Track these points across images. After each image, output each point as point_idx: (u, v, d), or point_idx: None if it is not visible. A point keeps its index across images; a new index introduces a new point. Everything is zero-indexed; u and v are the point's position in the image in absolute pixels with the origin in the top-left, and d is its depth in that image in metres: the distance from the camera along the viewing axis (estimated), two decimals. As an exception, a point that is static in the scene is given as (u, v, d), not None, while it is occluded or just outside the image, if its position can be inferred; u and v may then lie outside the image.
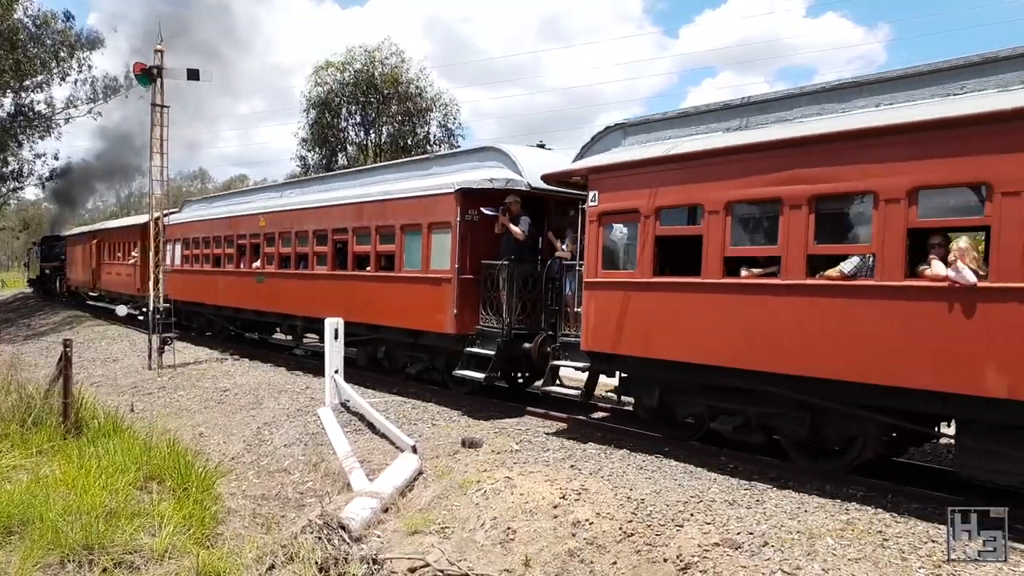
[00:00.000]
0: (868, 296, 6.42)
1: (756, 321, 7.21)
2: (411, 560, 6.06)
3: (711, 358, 7.56)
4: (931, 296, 6.06)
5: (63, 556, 5.80)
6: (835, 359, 6.59)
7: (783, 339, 6.99)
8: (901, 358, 6.18)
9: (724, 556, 5.41)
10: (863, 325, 6.44)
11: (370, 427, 9.79)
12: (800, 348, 6.85)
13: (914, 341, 6.11)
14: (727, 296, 7.46)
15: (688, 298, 7.82)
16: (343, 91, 34.23)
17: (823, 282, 6.74)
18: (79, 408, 9.78)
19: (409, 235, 11.67)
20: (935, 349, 6.00)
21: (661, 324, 8.06)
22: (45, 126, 31.65)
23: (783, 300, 7.01)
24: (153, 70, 16.07)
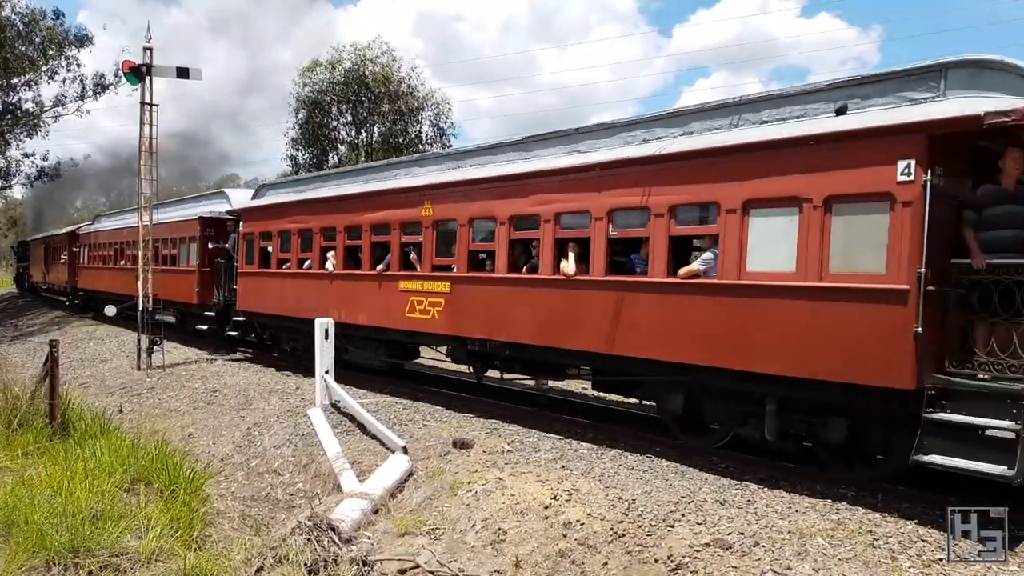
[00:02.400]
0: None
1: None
2: (401, 561, 6.03)
3: (279, 310, 14.68)
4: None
5: (48, 559, 5.73)
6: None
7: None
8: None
9: (715, 556, 5.40)
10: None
11: (361, 428, 9.75)
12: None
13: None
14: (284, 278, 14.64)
15: (274, 278, 14.93)
16: (333, 90, 34.10)
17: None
18: (66, 409, 9.70)
19: (183, 245, 19.56)
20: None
21: (273, 295, 14.90)
22: (33, 125, 31.39)
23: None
24: (142, 68, 15.97)
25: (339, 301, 12.75)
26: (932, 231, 6.12)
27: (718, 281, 7.50)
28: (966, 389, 5.98)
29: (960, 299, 6.18)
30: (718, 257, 7.55)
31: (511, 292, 9.71)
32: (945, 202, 6.27)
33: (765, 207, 7.20)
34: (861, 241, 6.55)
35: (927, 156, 6.13)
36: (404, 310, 11.36)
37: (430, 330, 11.05)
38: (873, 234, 6.43)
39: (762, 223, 7.24)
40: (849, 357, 6.47)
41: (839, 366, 6.53)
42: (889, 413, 6.55)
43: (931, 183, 6.09)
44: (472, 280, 10.34)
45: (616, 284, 8.45)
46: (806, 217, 6.81)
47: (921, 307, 6.05)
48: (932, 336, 6.10)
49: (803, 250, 6.83)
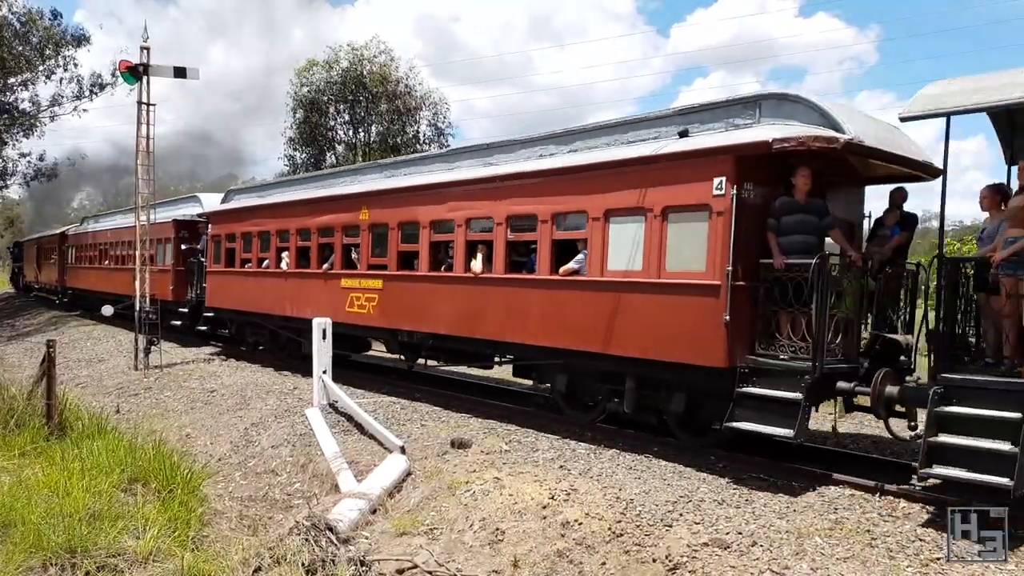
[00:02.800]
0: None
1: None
2: (399, 561, 6.02)
3: (242, 306, 15.95)
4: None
5: (45, 559, 5.72)
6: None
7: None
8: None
9: (713, 556, 5.40)
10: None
11: (359, 428, 9.74)
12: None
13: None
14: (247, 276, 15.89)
15: (237, 277, 16.26)
16: (330, 90, 34.04)
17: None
18: (63, 409, 9.68)
19: (159, 246, 20.25)
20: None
21: (236, 292, 16.20)
22: (29, 124, 31.30)
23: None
24: (139, 68, 15.93)
25: (292, 298, 14.12)
26: (741, 236, 7.26)
27: (587, 278, 8.75)
28: (769, 367, 7.20)
29: (767, 293, 7.31)
30: (587, 257, 8.77)
31: (432, 289, 11.00)
32: (754, 212, 7.41)
33: (621, 216, 8.45)
34: (688, 244, 7.76)
35: (736, 173, 7.29)
36: (345, 305, 12.52)
37: (367, 323, 12.21)
38: (696, 239, 7.65)
39: (619, 229, 8.50)
40: (681, 341, 7.69)
41: (675, 349, 7.77)
42: (714, 388, 7.64)
43: (739, 196, 7.26)
44: (400, 278, 11.61)
45: (512, 281, 9.75)
46: (650, 224, 8.10)
47: (729, 299, 7.22)
48: (741, 324, 7.32)
49: (648, 252, 8.11)
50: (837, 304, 7.29)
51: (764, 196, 7.50)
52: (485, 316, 10.02)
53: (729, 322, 7.19)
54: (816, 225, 7.42)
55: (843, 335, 7.44)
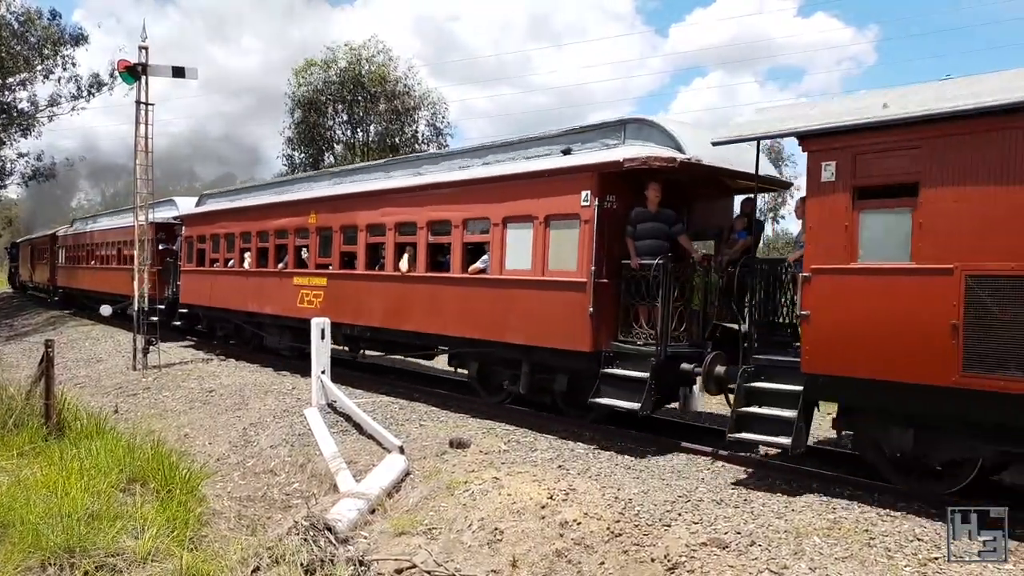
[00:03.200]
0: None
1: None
2: (398, 561, 6.02)
3: (212, 302, 17.01)
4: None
5: (44, 559, 5.71)
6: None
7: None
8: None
9: (711, 556, 5.41)
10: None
11: (357, 428, 9.73)
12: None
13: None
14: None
15: (207, 275, 17.41)
16: (329, 89, 34.02)
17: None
18: (61, 409, 9.67)
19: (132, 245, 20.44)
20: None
21: (206, 289, 17.36)
22: (27, 124, 31.26)
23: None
24: (138, 67, 15.92)
25: (253, 294, 15.44)
26: (604, 241, 8.56)
27: (489, 276, 9.99)
28: (627, 352, 8.53)
29: (626, 289, 8.64)
30: (490, 258, 10.03)
31: (367, 286, 12.25)
32: (615, 220, 8.68)
33: (515, 222, 9.69)
34: (564, 248, 8.99)
35: (598, 187, 8.54)
36: (297, 301, 13.77)
37: (315, 317, 12.90)
38: (570, 243, 8.89)
39: (514, 234, 9.72)
40: (559, 330, 8.92)
41: (555, 337, 8.99)
42: (587, 370, 8.80)
43: (601, 207, 8.53)
44: (342, 276, 12.88)
45: (432, 279, 10.99)
46: (536, 230, 9.32)
47: (593, 295, 8.49)
48: (604, 315, 8.61)
49: (534, 254, 9.34)
50: (688, 298, 8.73)
51: (623, 206, 8.75)
52: (411, 310, 11.29)
53: (593, 313, 8.50)
54: (666, 232, 8.63)
55: (690, 324, 8.72)
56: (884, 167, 6.45)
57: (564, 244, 9.00)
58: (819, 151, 6.82)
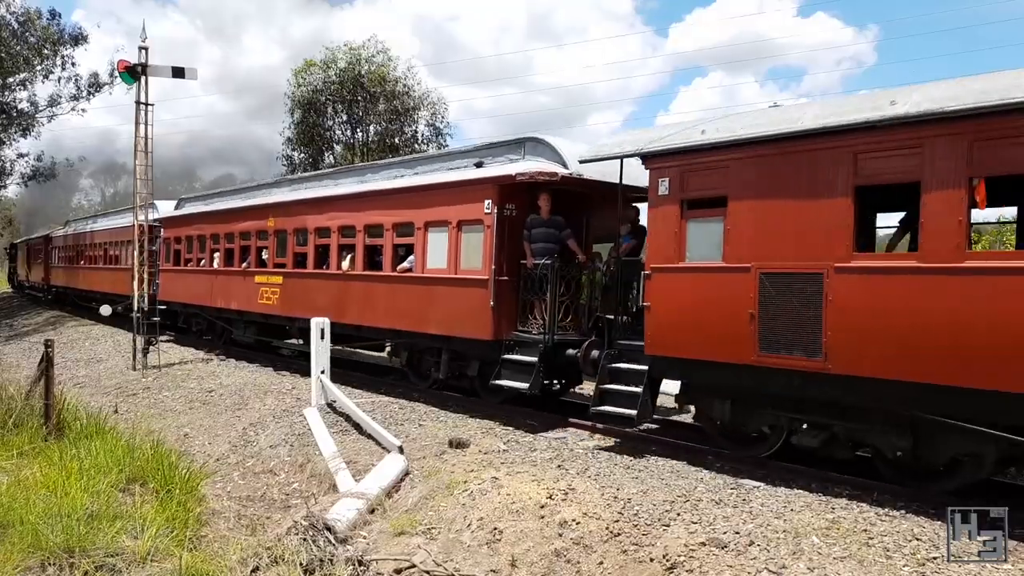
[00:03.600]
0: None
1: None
2: (397, 561, 6.03)
3: (186, 299, 18.27)
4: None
5: (43, 559, 5.70)
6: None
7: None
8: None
9: (710, 555, 5.41)
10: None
11: (357, 427, 9.74)
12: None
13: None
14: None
15: (182, 274, 18.81)
16: (328, 89, 33.97)
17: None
18: (61, 409, 9.64)
19: (123, 247, 22.85)
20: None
21: (182, 287, 18.79)
22: (27, 124, 31.23)
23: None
24: (137, 68, 15.92)
25: (220, 292, 16.81)
26: (504, 243, 9.84)
27: (414, 274, 11.26)
28: (523, 340, 9.76)
29: (524, 285, 9.85)
30: (413, 257, 11.32)
31: (316, 284, 13.56)
32: (514, 225, 9.93)
33: (435, 226, 10.95)
34: (472, 249, 10.23)
35: (498, 197, 9.84)
36: (258, 298, 15.10)
37: (273, 312, 14.80)
38: (477, 245, 10.12)
39: (434, 236, 10.98)
40: (469, 321, 10.12)
41: (466, 327, 10.19)
42: (494, 357, 9.92)
43: (500, 214, 9.83)
44: (294, 275, 14.22)
45: (368, 277, 12.29)
46: (451, 233, 10.57)
47: (494, 290, 9.77)
48: (503, 308, 9.87)
49: (449, 254, 10.56)
50: (575, 293, 9.92)
51: (522, 213, 9.97)
52: (352, 306, 12.49)
53: (494, 307, 9.78)
54: (556, 236, 9.81)
55: (577, 316, 9.96)
56: (703, 183, 7.68)
57: (472, 246, 10.29)
58: (656, 169, 8.04)
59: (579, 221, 10.36)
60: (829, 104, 7.38)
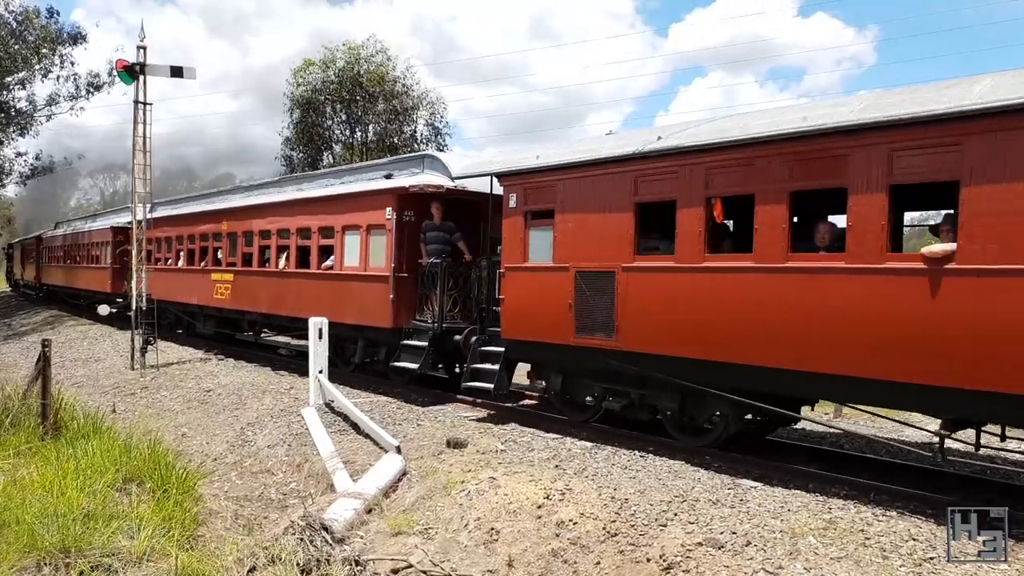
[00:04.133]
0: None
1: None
2: (394, 561, 6.02)
3: (156, 295, 17.18)
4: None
5: (39, 559, 5.69)
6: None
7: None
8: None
9: (707, 556, 5.40)
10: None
11: (354, 427, 9.73)
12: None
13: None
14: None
15: (152, 272, 18.00)
16: (327, 89, 33.94)
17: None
18: (58, 409, 9.62)
19: (102, 248, 25.04)
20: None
21: (152, 284, 17.47)
22: (25, 123, 31.16)
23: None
24: (136, 67, 15.90)
25: (183, 288, 18.80)
26: (403, 245, 11.54)
27: (334, 272, 12.97)
28: (418, 327, 11.37)
29: (421, 280, 11.46)
30: (334, 257, 13.01)
31: (260, 280, 15.19)
32: (412, 229, 11.60)
33: (350, 230, 12.60)
34: (378, 250, 11.92)
35: (397, 205, 11.54)
36: (213, 293, 16.77)
37: (226, 306, 16.50)
38: (381, 246, 11.82)
39: (350, 239, 12.59)
40: (375, 312, 11.76)
41: (373, 317, 11.83)
42: (395, 343, 11.59)
43: (399, 220, 11.53)
44: (242, 272, 15.82)
45: (299, 274, 13.96)
46: (362, 236, 12.27)
47: (393, 285, 11.43)
48: (402, 300, 11.51)
49: (361, 254, 12.26)
50: (462, 287, 11.29)
51: (419, 219, 11.60)
52: (286, 299, 14.27)
53: (394, 299, 11.42)
54: (447, 239, 11.37)
55: (465, 308, 11.25)
56: (539, 198, 9.28)
57: (377, 247, 11.92)
58: (507, 185, 9.67)
59: (476, 226, 11.62)
60: (623, 136, 9.71)
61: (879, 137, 6.31)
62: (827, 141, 6.64)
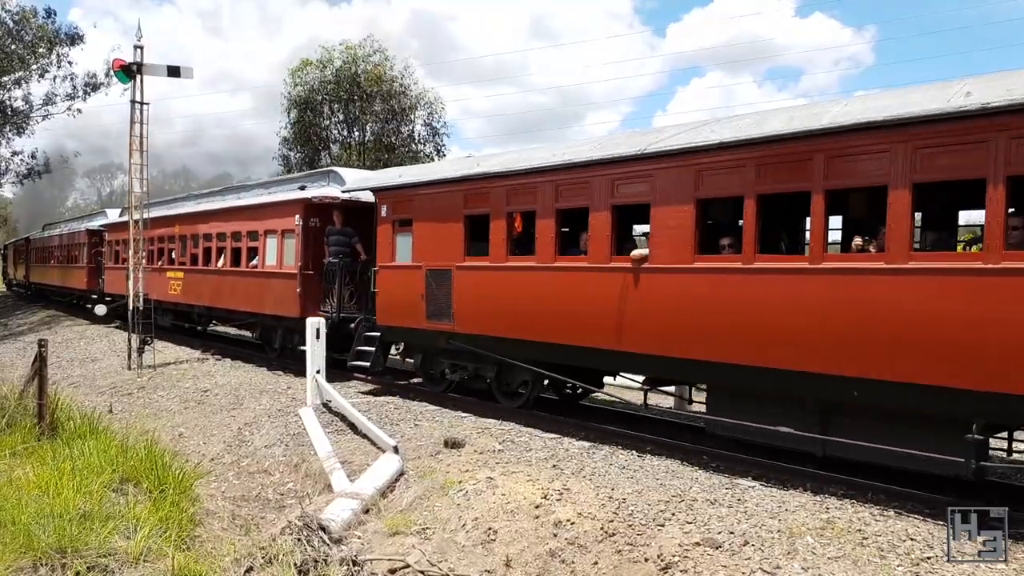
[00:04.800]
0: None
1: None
2: (391, 561, 6.01)
3: (123, 291, 18.33)
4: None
5: (36, 560, 5.67)
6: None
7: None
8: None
9: (705, 555, 5.40)
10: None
11: (352, 427, 9.72)
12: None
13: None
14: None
15: (118, 271, 21.07)
16: (325, 89, 33.88)
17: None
18: (54, 409, 9.61)
19: (78, 249, 27.79)
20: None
21: (120, 282, 19.36)
22: (22, 123, 31.05)
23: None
24: (133, 66, 15.87)
25: (145, 285, 19.91)
26: (310, 247, 13.58)
27: (259, 270, 15.06)
28: (322, 317, 12.35)
29: (325, 277, 13.30)
30: (258, 257, 15.14)
31: (203, 277, 17.25)
32: (318, 234, 13.59)
33: (270, 234, 14.74)
34: (290, 251, 14.03)
35: (304, 213, 13.63)
36: (168, 289, 18.80)
37: (179, 300, 18.61)
38: (293, 248, 13.91)
39: (269, 241, 14.76)
40: (287, 304, 13.90)
41: (287, 309, 13.92)
42: (294, 327, 13.99)
43: (306, 226, 13.58)
44: (191, 271, 17.95)
45: (232, 272, 15.98)
46: (279, 239, 14.34)
47: (300, 281, 13.54)
48: (309, 294, 13.48)
49: (278, 255, 14.37)
50: (359, 283, 12.95)
51: (323, 225, 13.56)
52: (223, 294, 16.25)
53: (301, 293, 13.48)
54: (347, 242, 13.19)
55: (361, 300, 12.84)
56: (402, 210, 11.30)
57: (290, 248, 14.02)
58: (380, 199, 11.75)
59: (372, 231, 12.80)
60: (459, 161, 12.67)
61: (607, 170, 8.41)
62: (580, 171, 8.74)
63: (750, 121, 7.49)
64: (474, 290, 10.02)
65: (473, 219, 10.11)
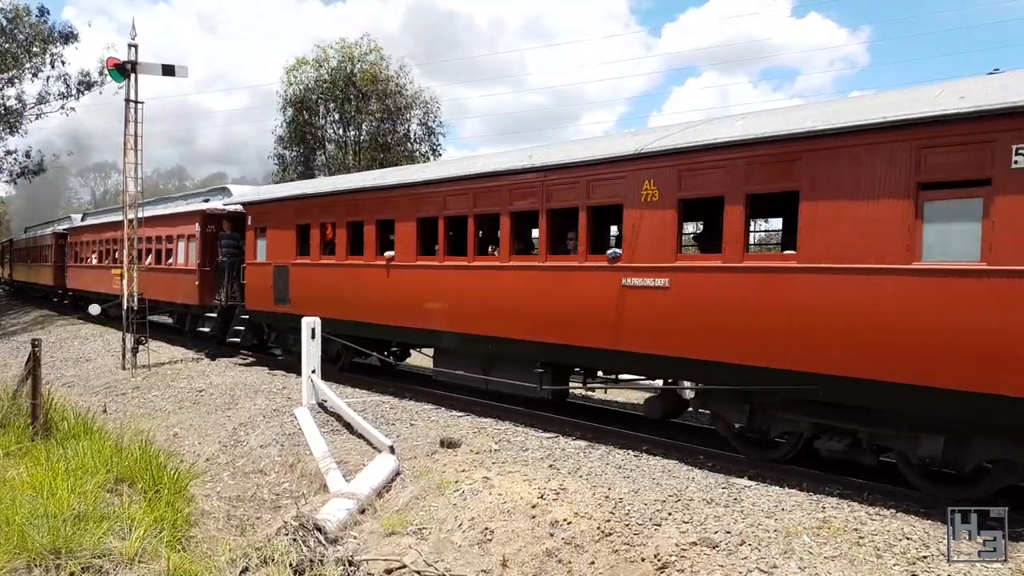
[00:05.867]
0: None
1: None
2: (387, 561, 5.99)
3: (80, 286, 26.33)
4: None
5: (30, 560, 5.63)
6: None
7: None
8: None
9: (701, 555, 5.40)
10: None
11: (348, 427, 9.69)
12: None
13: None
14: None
15: (78, 269, 27.22)
16: (320, 88, 33.80)
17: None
18: (48, 409, 9.55)
19: (47, 249, 31.97)
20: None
21: (78, 278, 27.01)
22: (15, 122, 30.86)
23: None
24: (127, 65, 15.81)
25: (95, 280, 23.89)
26: (207, 248, 16.84)
27: (174, 267, 18.45)
28: (214, 305, 16.63)
29: (218, 273, 16.42)
30: (172, 256, 18.83)
31: (157, 275, 19.05)
32: (214, 238, 16.74)
33: (180, 238, 18.11)
34: (192, 251, 17.00)
35: (203, 221, 16.97)
36: (112, 284, 20.51)
37: (117, 294, 19.27)
38: (194, 249, 17.06)
39: (181, 244, 18.04)
40: (190, 294, 17.03)
41: (190, 297, 17.18)
42: (198, 314, 17.50)
43: (203, 232, 16.91)
44: (149, 269, 19.37)
45: (160, 269, 18.97)
46: (186, 242, 17.67)
47: (199, 276, 16.87)
48: (206, 286, 16.83)
49: (185, 254, 17.83)
50: (241, 277, 15.62)
51: (217, 230, 16.77)
52: (150, 286, 18.00)
53: (199, 285, 16.79)
54: (236, 245, 16.04)
55: (241, 291, 15.53)
56: (262, 219, 14.74)
57: (192, 250, 17.21)
58: (248, 211, 15.24)
59: (243, 235, 15.82)
60: (299, 184, 17.22)
61: (345, 198, 12.66)
62: (354, 195, 12.53)
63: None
64: (303, 281, 13.46)
65: (301, 227, 13.60)
